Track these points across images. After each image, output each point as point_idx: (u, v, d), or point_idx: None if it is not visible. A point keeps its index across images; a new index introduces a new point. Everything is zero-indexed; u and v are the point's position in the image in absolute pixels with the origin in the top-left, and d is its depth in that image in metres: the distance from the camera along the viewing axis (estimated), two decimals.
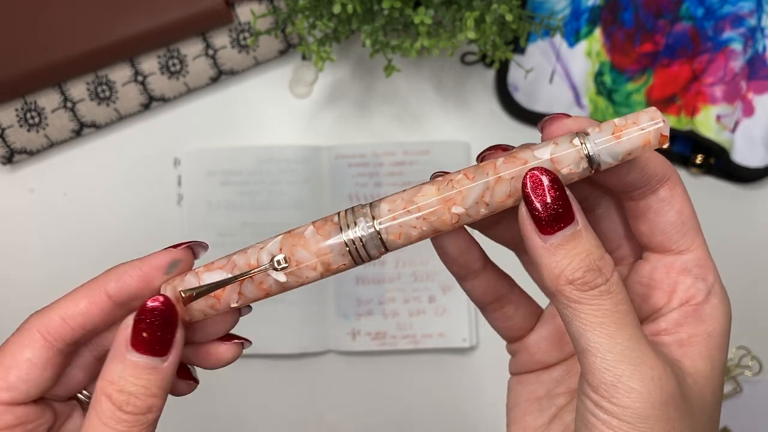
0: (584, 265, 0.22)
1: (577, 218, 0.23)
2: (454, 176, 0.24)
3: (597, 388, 0.22)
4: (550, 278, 0.23)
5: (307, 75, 0.57)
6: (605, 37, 0.57)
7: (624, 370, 0.22)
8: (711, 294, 0.25)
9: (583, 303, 0.22)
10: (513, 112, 0.58)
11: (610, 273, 0.23)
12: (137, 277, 0.25)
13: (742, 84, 0.56)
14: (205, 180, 0.57)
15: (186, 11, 0.52)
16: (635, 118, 0.23)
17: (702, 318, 0.25)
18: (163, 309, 0.24)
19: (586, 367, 0.23)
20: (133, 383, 0.23)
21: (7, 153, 0.55)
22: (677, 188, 0.25)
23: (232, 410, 0.56)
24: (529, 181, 0.23)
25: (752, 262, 0.58)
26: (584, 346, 0.22)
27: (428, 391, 0.57)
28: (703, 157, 0.56)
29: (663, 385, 0.22)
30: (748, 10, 0.56)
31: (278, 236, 0.25)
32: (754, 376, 0.56)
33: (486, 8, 0.47)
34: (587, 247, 0.23)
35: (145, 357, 0.23)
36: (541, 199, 0.22)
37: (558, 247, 0.22)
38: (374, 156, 0.57)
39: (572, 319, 0.23)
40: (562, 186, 0.23)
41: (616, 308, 0.22)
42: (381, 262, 0.56)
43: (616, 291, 0.23)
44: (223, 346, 0.27)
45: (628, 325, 0.22)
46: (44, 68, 0.52)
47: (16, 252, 0.57)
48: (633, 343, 0.22)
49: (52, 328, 0.25)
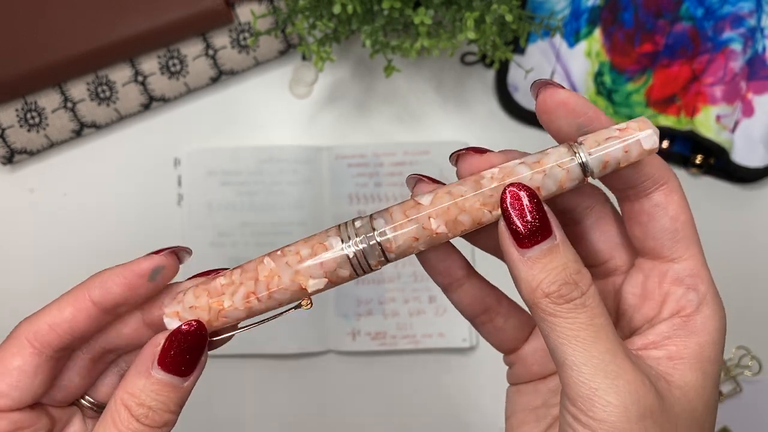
0: (560, 279, 0.23)
1: (555, 232, 0.23)
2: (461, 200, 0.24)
3: (574, 401, 0.22)
4: (527, 291, 0.23)
5: (307, 75, 0.57)
6: (605, 38, 0.57)
7: (600, 383, 0.22)
8: (703, 304, 0.24)
9: (558, 316, 0.23)
10: (513, 113, 0.58)
11: (586, 287, 0.23)
12: (120, 284, 0.25)
13: (742, 84, 0.56)
14: (205, 180, 0.57)
15: (186, 11, 0.52)
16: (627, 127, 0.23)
17: (692, 330, 0.24)
18: (197, 335, 0.24)
19: (564, 380, 0.23)
20: (153, 398, 0.24)
21: (7, 153, 0.55)
22: (674, 194, 0.25)
23: (232, 410, 0.56)
24: (508, 196, 0.23)
25: (752, 262, 0.58)
26: (561, 359, 0.23)
27: (428, 391, 0.57)
28: (703, 157, 0.57)
29: (640, 399, 0.22)
30: (747, 10, 0.56)
31: (293, 289, 0.25)
32: (754, 376, 0.56)
33: (486, 8, 0.47)
34: (564, 261, 0.23)
35: (170, 376, 0.24)
36: (518, 213, 0.23)
37: (535, 261, 0.23)
38: (374, 156, 0.57)
39: (549, 332, 0.23)
40: (539, 201, 0.23)
41: (592, 321, 0.22)
42: None
43: (591, 305, 0.23)
44: None
45: (604, 339, 0.22)
46: (44, 68, 0.52)
47: (16, 252, 0.57)
48: (609, 357, 0.22)
49: (39, 336, 0.25)
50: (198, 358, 0.24)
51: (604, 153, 0.23)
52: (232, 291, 0.25)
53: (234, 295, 0.25)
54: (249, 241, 0.56)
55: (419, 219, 0.24)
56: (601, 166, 0.23)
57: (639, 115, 0.57)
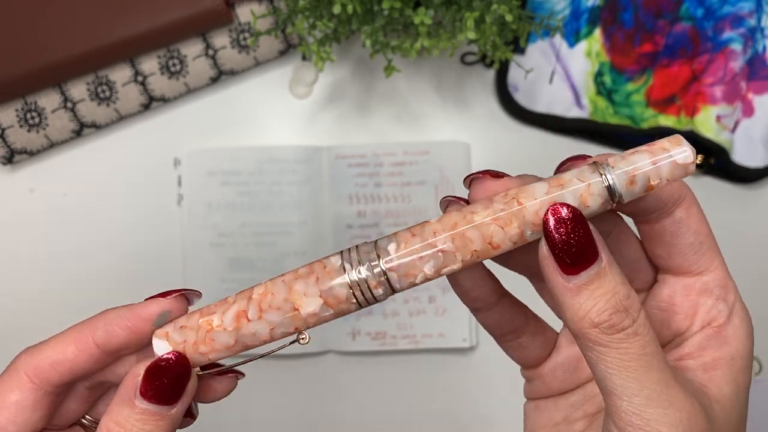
0: (610, 307, 0.21)
1: (602, 255, 0.22)
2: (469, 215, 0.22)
3: (624, 430, 0.22)
4: (573, 320, 0.22)
5: (307, 75, 0.57)
6: (605, 38, 0.57)
7: (652, 414, 0.21)
8: (733, 314, 0.24)
9: (609, 346, 0.21)
10: (513, 113, 0.58)
11: (636, 313, 0.22)
12: (125, 327, 0.24)
13: (742, 84, 0.56)
14: (205, 180, 0.57)
15: (186, 11, 0.52)
16: (663, 146, 0.22)
17: (725, 340, 0.24)
18: (176, 365, 0.24)
19: (612, 409, 0.22)
20: (140, 428, 0.23)
21: (7, 153, 0.55)
22: (693, 208, 0.24)
23: (231, 410, 0.56)
24: (552, 218, 0.22)
25: (752, 262, 0.58)
26: (610, 388, 0.22)
27: (428, 391, 0.57)
28: (703, 157, 0.57)
29: (692, 426, 0.21)
30: (747, 10, 0.56)
31: (287, 315, 0.23)
32: (754, 376, 0.56)
33: (486, 8, 0.47)
34: (613, 285, 0.22)
35: (153, 405, 0.23)
36: (563, 237, 0.21)
37: (582, 288, 0.21)
38: (374, 156, 0.57)
39: (597, 363, 0.22)
40: (585, 222, 0.22)
41: (644, 351, 0.21)
42: None
43: (643, 332, 0.22)
44: (216, 381, 0.26)
45: (655, 367, 0.21)
46: (44, 68, 0.52)
47: (16, 252, 0.57)
48: (661, 386, 0.21)
49: (40, 372, 0.25)
50: (181, 389, 0.24)
51: (632, 169, 0.22)
52: (224, 310, 0.24)
53: (225, 313, 0.24)
54: (249, 241, 0.56)
55: (424, 232, 0.23)
56: (628, 184, 0.22)
57: (639, 114, 0.57)
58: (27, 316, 0.57)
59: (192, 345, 0.24)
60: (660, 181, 0.22)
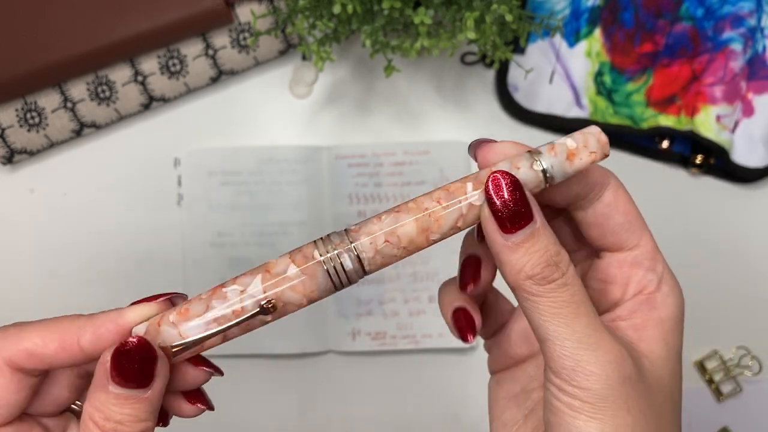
0: (542, 261, 0.24)
1: (536, 217, 0.24)
2: (429, 204, 0.25)
3: (558, 373, 0.24)
4: (511, 274, 0.24)
5: (307, 75, 0.57)
6: (605, 38, 0.57)
7: (582, 355, 0.23)
8: (662, 282, 0.27)
9: (541, 296, 0.24)
10: (513, 113, 0.58)
11: (566, 267, 0.24)
12: (114, 332, 0.25)
13: (742, 84, 0.56)
14: (205, 180, 0.57)
15: (186, 11, 0.52)
16: (584, 141, 0.25)
17: (654, 305, 0.26)
18: (139, 347, 0.24)
19: (547, 355, 0.24)
20: (118, 412, 0.24)
21: (7, 153, 0.55)
22: (619, 191, 0.27)
23: (232, 410, 0.56)
24: (491, 183, 0.24)
25: (752, 262, 0.58)
26: (544, 335, 0.24)
27: (428, 391, 0.57)
28: (703, 157, 0.57)
29: (620, 367, 0.23)
30: (748, 10, 0.56)
31: (257, 275, 0.25)
32: (754, 376, 0.56)
33: (486, 8, 0.47)
34: (545, 244, 0.24)
35: (127, 390, 0.24)
36: (502, 199, 0.24)
37: (518, 245, 0.24)
38: (374, 156, 0.57)
39: (532, 312, 0.24)
40: (521, 187, 0.24)
41: (572, 299, 0.24)
42: None
43: (571, 283, 0.24)
44: (190, 368, 0.26)
45: (584, 314, 0.24)
46: (44, 68, 0.52)
47: (16, 252, 0.57)
48: (590, 330, 0.24)
49: (17, 359, 0.25)
50: (151, 369, 0.24)
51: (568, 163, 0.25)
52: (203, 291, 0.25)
53: (203, 294, 0.25)
54: (249, 241, 0.56)
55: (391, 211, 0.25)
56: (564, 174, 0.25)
57: (639, 114, 0.57)
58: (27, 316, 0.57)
59: (166, 316, 0.24)
60: (580, 147, 0.25)
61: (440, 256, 0.56)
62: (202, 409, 0.27)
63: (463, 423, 0.57)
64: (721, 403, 0.56)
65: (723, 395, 0.56)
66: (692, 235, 0.57)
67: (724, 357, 0.56)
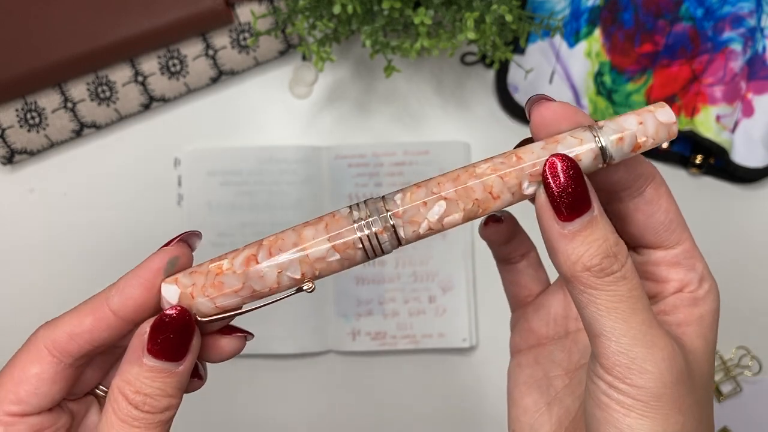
0: (601, 252, 0.23)
1: (594, 204, 0.23)
2: (480, 194, 0.24)
3: (611, 370, 0.23)
4: (567, 264, 0.23)
5: (307, 75, 0.57)
6: (605, 38, 0.57)
7: (638, 353, 0.23)
8: (703, 280, 0.26)
9: (599, 289, 0.23)
10: (513, 113, 0.58)
11: (624, 259, 0.23)
12: (138, 285, 0.25)
13: (742, 84, 0.56)
14: (205, 180, 0.57)
15: (186, 11, 0.52)
16: (648, 108, 0.24)
17: (696, 303, 0.26)
18: (179, 319, 0.24)
19: (599, 350, 0.23)
20: (149, 385, 0.24)
21: (7, 153, 0.55)
22: (662, 188, 0.26)
23: (232, 410, 0.56)
24: (549, 167, 0.23)
25: (752, 262, 0.58)
26: (599, 330, 0.23)
27: (428, 391, 0.57)
28: (703, 157, 0.57)
29: (673, 365, 0.23)
30: (747, 10, 0.56)
31: (294, 257, 0.24)
32: (754, 376, 0.56)
33: (486, 9, 0.47)
34: (604, 233, 0.23)
35: (162, 362, 0.24)
36: (561, 185, 0.23)
37: (576, 234, 0.23)
38: (374, 156, 0.57)
39: (587, 305, 0.23)
40: (581, 173, 0.23)
41: (630, 293, 0.23)
42: (381, 262, 0.56)
43: (630, 276, 0.23)
44: (224, 339, 0.26)
45: (641, 310, 0.23)
46: (44, 68, 0.52)
47: (16, 252, 0.57)
48: (646, 327, 0.23)
49: (59, 345, 0.25)
50: (188, 342, 0.24)
51: (620, 128, 0.23)
52: (234, 255, 0.24)
53: (235, 258, 0.24)
54: (249, 241, 0.56)
55: (429, 184, 0.24)
56: (617, 141, 0.23)
57: None
58: (27, 315, 0.57)
59: (200, 288, 0.24)
60: (646, 139, 0.23)
61: (440, 256, 0.56)
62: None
63: (463, 423, 0.57)
64: (720, 403, 0.56)
65: (723, 395, 0.56)
66: None
67: (724, 357, 0.56)
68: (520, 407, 0.30)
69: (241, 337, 0.27)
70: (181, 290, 0.24)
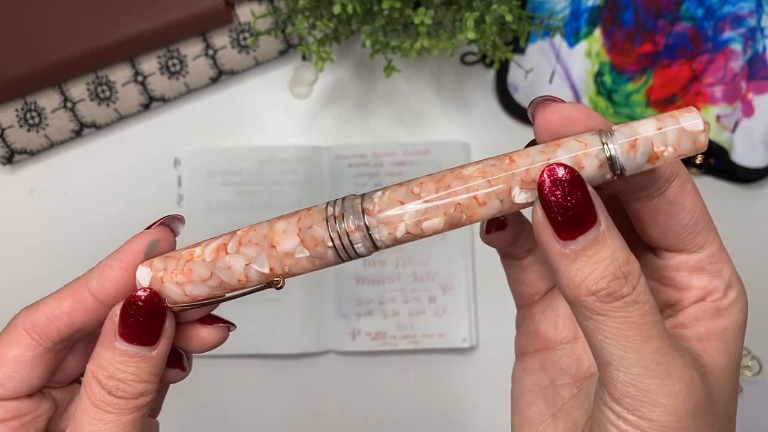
0: (609, 274, 0.20)
1: (600, 218, 0.20)
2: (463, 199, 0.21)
3: (620, 401, 0.21)
4: (569, 288, 0.21)
5: (307, 75, 0.57)
6: (605, 38, 0.57)
7: (650, 384, 0.20)
8: (729, 288, 0.24)
9: (606, 315, 0.20)
10: (513, 113, 0.58)
11: (636, 280, 0.20)
12: (117, 268, 0.24)
13: (742, 84, 0.56)
14: (205, 180, 0.57)
15: (186, 11, 0.52)
16: (672, 114, 0.20)
17: (720, 313, 0.24)
18: (148, 301, 0.23)
19: (607, 379, 0.21)
20: (122, 370, 0.23)
21: (7, 153, 0.55)
22: (687, 185, 0.22)
23: (232, 410, 0.56)
24: (547, 179, 0.20)
25: (752, 262, 0.58)
26: (607, 359, 0.21)
27: (428, 391, 0.57)
28: (703, 157, 0.57)
29: (690, 396, 0.21)
30: (748, 10, 0.56)
31: (262, 251, 0.23)
32: (754, 376, 0.56)
33: (486, 8, 0.47)
34: (612, 251, 0.20)
35: (134, 346, 0.23)
36: (560, 199, 0.20)
37: (579, 254, 0.20)
38: (374, 156, 0.57)
39: (594, 332, 0.21)
40: (583, 183, 0.20)
41: (643, 319, 0.20)
42: (381, 262, 0.56)
43: (643, 300, 0.20)
44: (205, 329, 0.26)
45: (655, 337, 0.20)
46: (44, 68, 0.52)
47: (16, 252, 0.57)
48: (659, 356, 0.20)
49: (38, 327, 0.24)
50: (159, 326, 0.23)
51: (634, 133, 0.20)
52: (207, 242, 0.24)
53: (207, 246, 0.23)
54: None
55: (410, 184, 0.22)
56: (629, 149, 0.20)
57: (639, 115, 0.57)
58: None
59: (170, 273, 0.23)
60: (665, 148, 0.20)
61: (440, 256, 0.56)
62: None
63: (464, 423, 0.57)
64: None
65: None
66: None
67: None
68: (524, 417, 0.27)
69: (223, 327, 0.26)
70: (153, 274, 0.24)
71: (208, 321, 0.26)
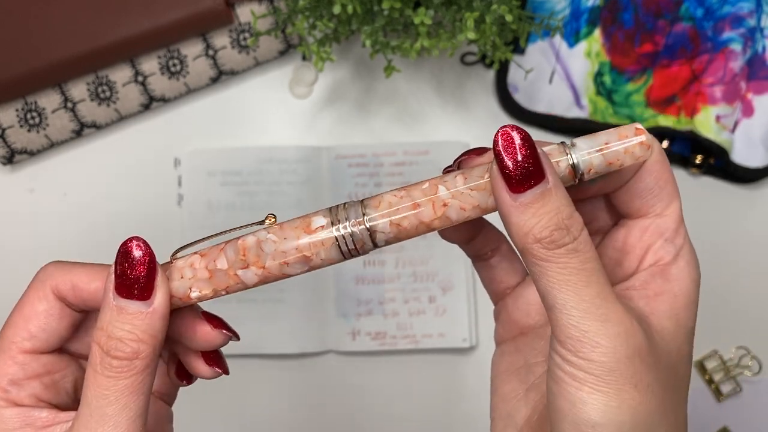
0: (552, 224, 0.22)
1: (548, 176, 0.23)
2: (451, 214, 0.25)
3: (564, 343, 0.23)
4: (518, 236, 0.23)
5: (307, 75, 0.57)
6: (605, 38, 0.57)
7: (590, 325, 0.22)
8: (679, 256, 0.26)
9: (550, 261, 0.23)
10: (513, 113, 0.58)
11: (578, 231, 0.23)
12: None
13: (742, 84, 0.56)
14: (205, 180, 0.57)
15: (186, 11, 0.52)
16: (623, 132, 0.24)
17: (668, 278, 0.25)
18: (138, 249, 0.24)
19: (553, 323, 0.23)
20: (119, 328, 0.24)
21: (7, 153, 0.55)
22: (657, 156, 0.25)
23: (231, 410, 0.56)
24: (501, 138, 0.23)
25: (752, 262, 0.58)
26: (551, 302, 0.23)
27: (428, 391, 0.57)
28: (703, 157, 0.57)
29: (629, 340, 0.22)
30: (747, 10, 0.56)
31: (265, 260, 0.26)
32: (754, 376, 0.56)
33: (486, 9, 0.47)
34: (556, 205, 0.23)
35: (129, 301, 0.24)
36: (512, 156, 0.23)
37: (527, 206, 0.23)
38: (374, 156, 0.57)
39: (540, 277, 0.23)
40: (533, 144, 0.23)
41: (583, 266, 0.23)
42: (381, 262, 0.56)
43: (583, 249, 0.23)
44: (208, 326, 0.27)
45: (595, 282, 0.23)
46: (44, 68, 0.52)
47: (16, 252, 0.57)
48: (600, 300, 0.22)
49: (62, 290, 0.26)
50: (152, 277, 0.24)
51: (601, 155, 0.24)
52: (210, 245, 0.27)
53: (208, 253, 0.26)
54: None
55: (409, 188, 0.25)
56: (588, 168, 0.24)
57: (639, 115, 0.57)
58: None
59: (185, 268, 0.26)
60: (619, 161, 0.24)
61: (440, 256, 0.56)
62: (219, 372, 0.28)
63: (463, 423, 0.57)
64: (720, 403, 0.56)
65: (723, 395, 0.56)
66: (692, 235, 0.57)
67: (724, 357, 0.56)
68: (499, 395, 0.30)
69: (225, 335, 0.27)
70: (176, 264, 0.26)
71: (216, 323, 0.27)
